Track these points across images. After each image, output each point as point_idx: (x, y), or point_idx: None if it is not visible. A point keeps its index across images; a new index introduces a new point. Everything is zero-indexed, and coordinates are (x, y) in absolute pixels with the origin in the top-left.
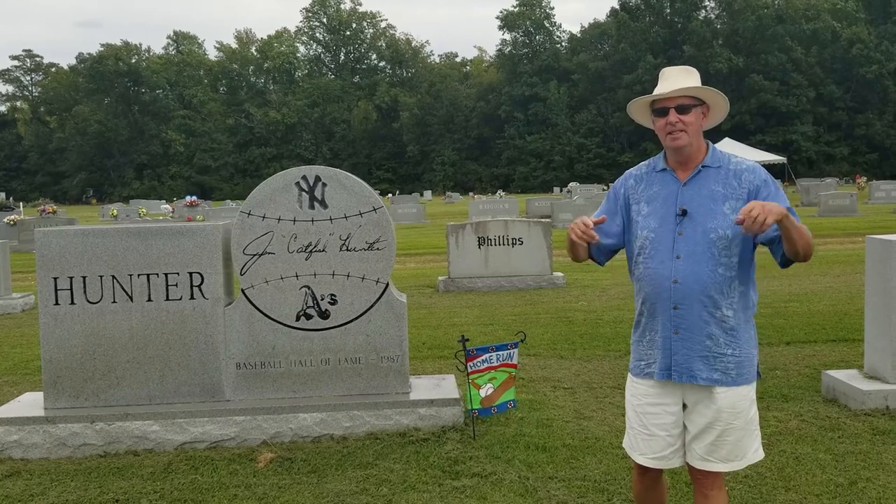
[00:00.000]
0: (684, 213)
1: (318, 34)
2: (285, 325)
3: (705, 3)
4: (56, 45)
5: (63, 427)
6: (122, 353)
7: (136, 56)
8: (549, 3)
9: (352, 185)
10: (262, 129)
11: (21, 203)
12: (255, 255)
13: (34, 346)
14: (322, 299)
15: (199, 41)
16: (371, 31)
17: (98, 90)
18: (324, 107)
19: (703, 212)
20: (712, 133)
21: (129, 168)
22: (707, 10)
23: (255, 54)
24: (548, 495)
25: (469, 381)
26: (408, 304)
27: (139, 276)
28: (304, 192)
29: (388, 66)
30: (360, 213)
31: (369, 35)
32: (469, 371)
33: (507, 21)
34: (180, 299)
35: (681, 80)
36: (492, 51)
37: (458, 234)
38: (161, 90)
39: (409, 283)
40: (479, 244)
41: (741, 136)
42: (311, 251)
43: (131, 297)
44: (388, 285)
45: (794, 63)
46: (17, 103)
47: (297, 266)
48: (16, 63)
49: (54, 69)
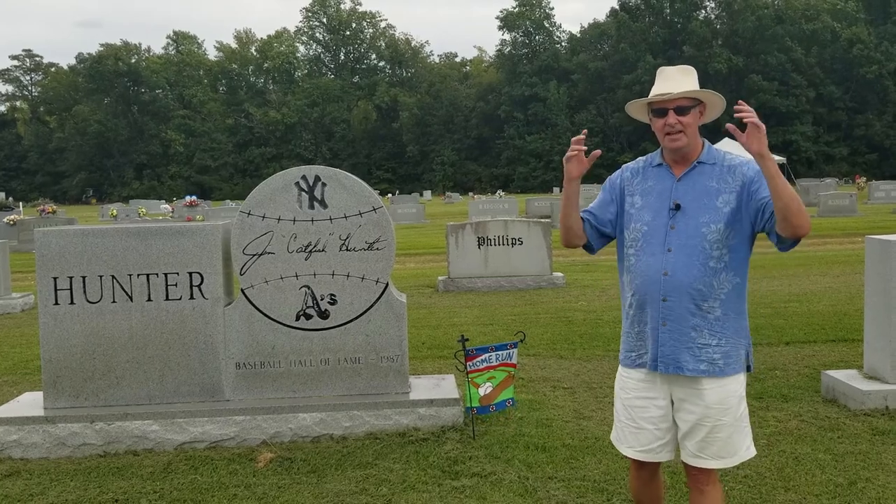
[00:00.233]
0: (678, 207)
1: (317, 34)
2: (285, 324)
3: (705, 4)
4: (56, 44)
5: (63, 427)
6: (121, 352)
7: (136, 56)
8: (549, 4)
9: (351, 184)
10: (262, 129)
11: (21, 203)
12: (254, 255)
13: (34, 345)
14: (322, 299)
15: (199, 41)
16: (371, 31)
17: (98, 90)
18: (323, 107)
19: (697, 206)
20: (712, 133)
21: (128, 168)
22: (707, 10)
23: (255, 54)
24: (547, 495)
25: (468, 380)
26: (407, 304)
27: (139, 276)
28: (303, 192)
29: (388, 66)
30: (360, 213)
31: (369, 35)
32: (468, 370)
33: (507, 21)
34: (180, 299)
35: (679, 81)
36: (491, 51)
37: (457, 234)
38: (161, 90)
39: (408, 283)
40: (479, 244)
41: None
42: (310, 251)
43: (131, 297)
44: (387, 285)
45: (793, 63)
46: (17, 103)
47: (296, 266)
48: (15, 63)
49: (54, 69)
